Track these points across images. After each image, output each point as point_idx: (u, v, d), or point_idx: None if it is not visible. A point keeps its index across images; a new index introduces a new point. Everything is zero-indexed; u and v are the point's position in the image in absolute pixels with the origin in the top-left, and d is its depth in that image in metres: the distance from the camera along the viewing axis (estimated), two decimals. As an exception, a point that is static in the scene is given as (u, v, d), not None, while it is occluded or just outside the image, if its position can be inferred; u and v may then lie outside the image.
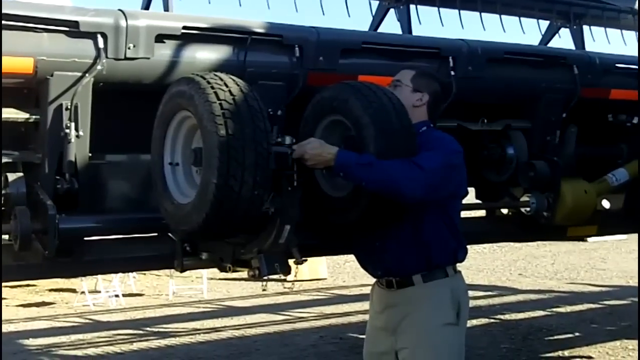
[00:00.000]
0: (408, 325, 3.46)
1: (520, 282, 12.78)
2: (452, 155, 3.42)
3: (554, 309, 10.13)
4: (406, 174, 3.18)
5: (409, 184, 3.18)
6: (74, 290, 11.86)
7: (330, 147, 3.25)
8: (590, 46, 5.92)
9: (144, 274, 12.99)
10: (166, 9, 4.36)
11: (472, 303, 10.75)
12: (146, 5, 4.45)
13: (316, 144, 3.26)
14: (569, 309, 10.25)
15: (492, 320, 9.46)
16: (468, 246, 3.63)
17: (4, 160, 3.55)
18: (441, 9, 5.50)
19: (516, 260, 15.23)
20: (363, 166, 3.17)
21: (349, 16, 5.23)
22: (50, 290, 12.41)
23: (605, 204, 5.55)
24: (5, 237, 3.80)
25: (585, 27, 6.01)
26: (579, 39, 5.93)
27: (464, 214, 4.59)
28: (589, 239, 14.47)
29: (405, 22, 5.35)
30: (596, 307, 10.24)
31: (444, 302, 3.45)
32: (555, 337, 8.53)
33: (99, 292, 11.48)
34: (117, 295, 11.45)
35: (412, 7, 5.38)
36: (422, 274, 3.45)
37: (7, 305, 11.35)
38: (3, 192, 3.49)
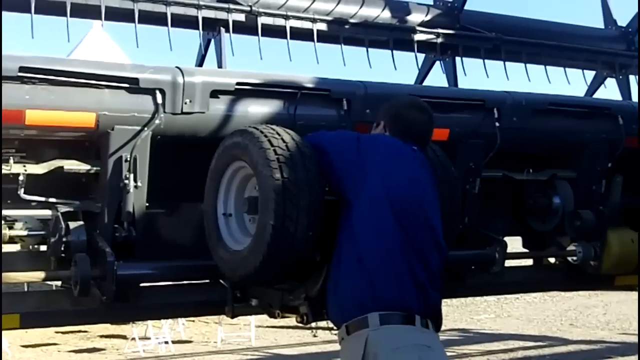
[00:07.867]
0: None
1: (571, 332, 12.60)
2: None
3: (605, 360, 10.00)
4: None
5: None
6: (124, 337, 11.99)
7: None
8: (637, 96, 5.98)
9: (193, 320, 13.08)
10: (220, 65, 4.56)
11: (522, 353, 10.56)
12: (200, 62, 4.65)
13: None
14: (620, 360, 10.11)
15: (543, 371, 9.37)
16: (518, 295, 3.06)
17: (66, 209, 3.73)
18: (486, 61, 5.62)
19: (567, 310, 14.99)
20: None
21: (396, 69, 5.37)
22: (101, 336, 12.54)
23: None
24: (57, 283, 3.96)
25: (632, 77, 6.07)
26: (625, 88, 5.98)
27: (511, 262, 4.63)
28: (641, 289, 14.21)
29: (451, 74, 5.49)
30: (648, 358, 10.06)
31: None
32: (606, 388, 8.42)
33: (149, 338, 11.59)
34: (166, 342, 11.54)
35: (458, 59, 5.52)
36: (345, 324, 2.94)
37: (59, 351, 11.53)
38: (64, 239, 3.64)
